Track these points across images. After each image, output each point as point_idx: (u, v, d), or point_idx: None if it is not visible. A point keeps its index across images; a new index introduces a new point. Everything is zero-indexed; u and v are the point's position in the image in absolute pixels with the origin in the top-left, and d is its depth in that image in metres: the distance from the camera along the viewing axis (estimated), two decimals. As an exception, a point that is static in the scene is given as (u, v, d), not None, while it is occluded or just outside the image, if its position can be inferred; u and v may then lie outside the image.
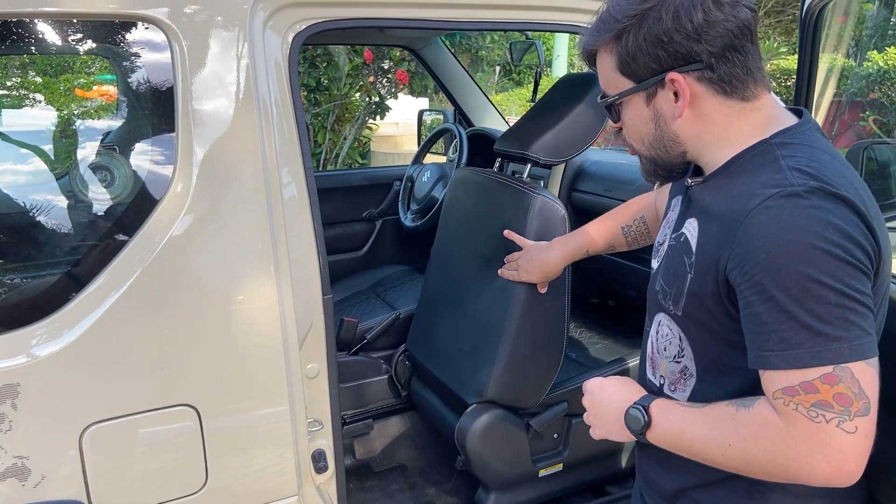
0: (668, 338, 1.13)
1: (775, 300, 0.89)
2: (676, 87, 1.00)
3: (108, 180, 1.41)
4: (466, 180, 2.29)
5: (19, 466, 1.25)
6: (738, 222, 0.93)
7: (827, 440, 0.87)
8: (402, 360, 2.46)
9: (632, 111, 1.07)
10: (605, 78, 1.08)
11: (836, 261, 0.87)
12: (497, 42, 7.97)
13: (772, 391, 0.91)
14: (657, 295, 1.15)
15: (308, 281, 1.46)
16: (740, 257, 0.92)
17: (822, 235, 0.87)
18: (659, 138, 1.06)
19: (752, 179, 0.97)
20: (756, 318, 0.91)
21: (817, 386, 0.87)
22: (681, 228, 1.10)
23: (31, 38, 1.34)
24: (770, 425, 0.91)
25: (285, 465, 1.47)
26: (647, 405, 1.07)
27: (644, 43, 0.99)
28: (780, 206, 0.90)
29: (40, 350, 1.25)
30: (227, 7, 1.36)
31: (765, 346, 0.91)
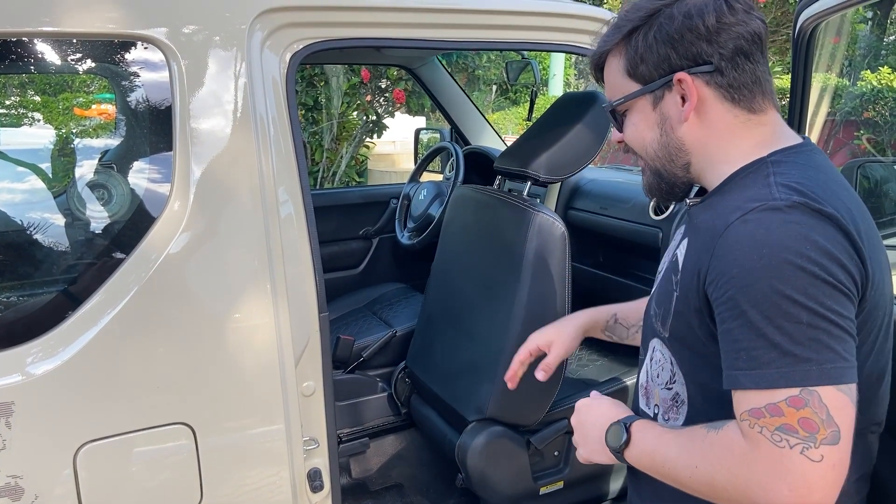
0: (660, 363, 1.10)
1: (746, 316, 0.86)
2: (684, 90, 0.99)
3: (106, 198, 1.41)
4: (466, 198, 2.30)
5: (13, 486, 1.24)
6: (717, 236, 0.91)
7: (790, 467, 0.82)
8: (401, 376, 2.45)
9: (638, 115, 1.06)
10: (612, 85, 1.07)
11: (812, 278, 0.83)
12: (493, 61, 8.03)
13: (739, 412, 0.88)
14: (651, 319, 1.12)
15: (304, 299, 1.46)
16: (717, 272, 0.90)
17: (798, 251, 0.84)
18: (664, 145, 1.04)
19: (740, 195, 0.95)
20: (728, 335, 0.89)
21: (783, 408, 0.83)
22: (675, 249, 1.08)
23: (32, 58, 1.35)
24: (735, 448, 0.87)
25: (281, 485, 1.46)
26: (629, 423, 1.03)
27: (654, 41, 0.99)
28: (758, 219, 0.88)
29: (35, 368, 1.25)
30: (225, 27, 1.37)
31: (735, 365, 0.88)
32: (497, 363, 1.95)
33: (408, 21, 1.59)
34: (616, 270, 2.59)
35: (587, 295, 2.70)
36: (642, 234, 2.32)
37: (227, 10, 1.38)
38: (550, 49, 1.83)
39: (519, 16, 1.71)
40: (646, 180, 1.12)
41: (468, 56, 7.76)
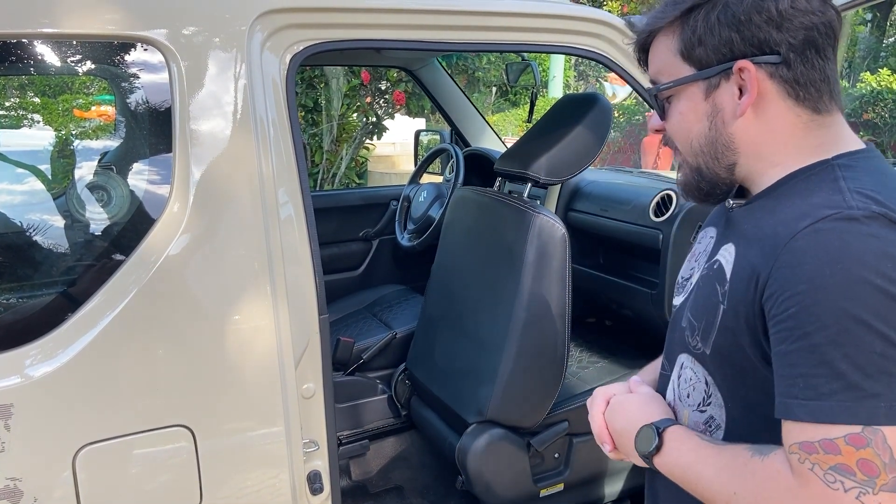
0: (691, 382, 1.00)
1: (809, 338, 0.76)
2: (744, 80, 0.88)
3: (105, 200, 1.41)
4: (467, 199, 2.30)
5: (12, 488, 1.23)
6: (781, 245, 0.81)
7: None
8: (402, 378, 2.45)
9: (686, 104, 0.94)
10: (660, 65, 0.96)
11: (891, 302, 0.74)
12: (493, 63, 8.03)
13: (788, 443, 0.79)
14: (683, 333, 1.01)
15: (304, 301, 1.46)
16: (778, 285, 0.80)
17: (878, 269, 0.74)
18: (711, 141, 0.93)
19: (805, 201, 0.84)
20: (785, 357, 0.79)
21: (840, 446, 0.74)
22: (715, 255, 0.98)
23: (32, 60, 1.34)
24: (781, 481, 0.79)
25: (280, 487, 1.46)
26: (662, 428, 0.95)
27: (717, 23, 0.88)
28: (832, 229, 0.78)
29: (34, 370, 1.24)
30: (225, 28, 1.37)
31: (789, 392, 0.79)
32: (497, 365, 1.95)
33: (408, 23, 1.59)
34: (616, 272, 2.58)
35: (587, 297, 2.70)
36: (642, 235, 2.32)
37: (226, 12, 1.38)
38: (550, 51, 1.83)
39: (519, 17, 1.71)
40: (683, 177, 1.01)
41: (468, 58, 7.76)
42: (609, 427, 1.07)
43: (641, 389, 1.09)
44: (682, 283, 1.10)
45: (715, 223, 1.07)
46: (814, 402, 0.76)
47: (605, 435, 1.07)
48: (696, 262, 1.07)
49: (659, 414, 1.01)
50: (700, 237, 1.11)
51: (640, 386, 1.11)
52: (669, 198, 2.26)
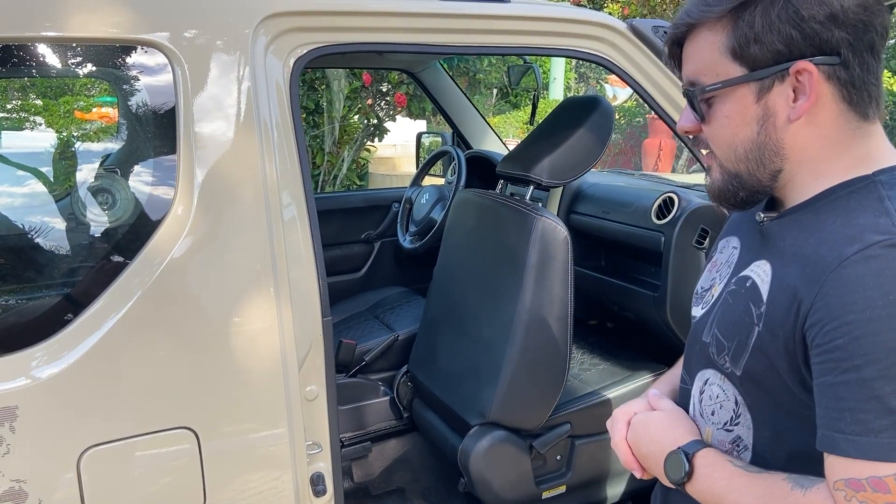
0: (718, 400, 0.96)
1: (859, 372, 0.73)
2: (801, 83, 0.82)
3: (110, 202, 1.41)
4: (469, 202, 2.31)
5: (16, 490, 1.24)
6: (828, 270, 0.77)
7: None
8: (404, 381, 2.45)
9: (733, 107, 0.87)
10: (702, 63, 0.88)
11: None
12: (494, 65, 8.04)
13: (833, 480, 0.76)
14: (707, 348, 0.97)
15: (308, 303, 1.46)
16: (823, 312, 0.77)
17: None
18: (759, 146, 0.87)
19: (849, 221, 0.80)
20: (831, 389, 0.76)
21: (889, 485, 0.72)
22: (743, 270, 0.93)
23: (37, 63, 1.35)
24: None
25: (284, 489, 1.46)
26: (692, 453, 0.92)
27: (777, 20, 0.81)
28: (884, 256, 0.74)
29: (39, 372, 1.25)
30: (228, 32, 1.38)
31: (835, 426, 0.76)
32: (499, 367, 1.95)
33: (411, 26, 1.60)
34: (618, 274, 2.58)
35: (589, 299, 2.71)
36: (645, 238, 2.32)
37: (230, 15, 1.39)
38: (553, 54, 1.84)
39: (521, 21, 1.72)
40: (717, 184, 0.93)
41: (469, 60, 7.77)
42: (634, 451, 1.03)
43: (663, 405, 1.05)
44: (701, 293, 1.06)
45: (738, 233, 1.02)
46: (862, 438, 0.73)
47: (632, 462, 1.03)
48: (717, 273, 1.03)
49: (685, 434, 0.97)
50: (721, 246, 1.06)
51: (661, 400, 1.06)
52: (671, 200, 2.26)
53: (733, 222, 1.07)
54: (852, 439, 0.74)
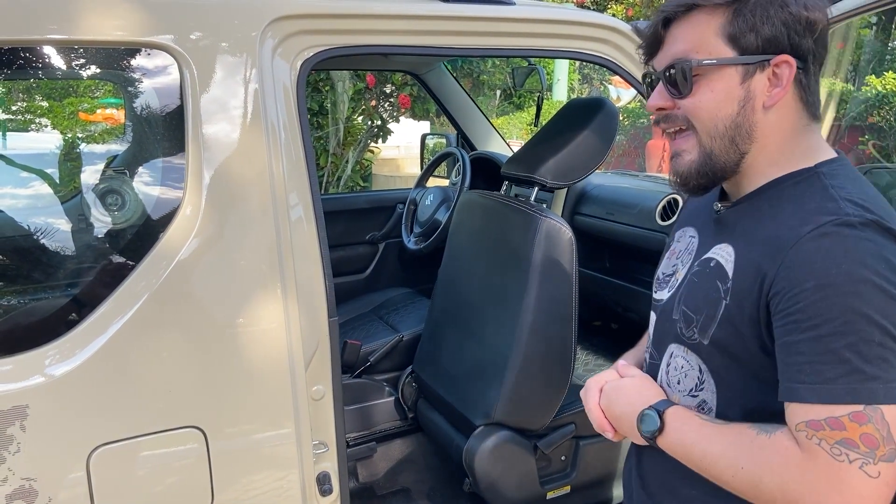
0: (683, 370, 1.06)
1: (816, 330, 0.85)
2: (778, 75, 0.95)
3: (120, 203, 1.42)
4: (473, 203, 2.32)
5: (27, 488, 1.25)
6: (787, 247, 0.89)
7: (847, 480, 0.83)
8: (408, 381, 2.46)
9: (721, 84, 0.96)
10: (696, 41, 0.97)
11: (887, 298, 0.83)
12: (498, 66, 8.05)
13: (795, 423, 0.87)
14: (675, 325, 1.07)
15: (314, 303, 1.47)
16: (785, 282, 0.88)
17: (876, 270, 0.84)
18: (737, 126, 0.97)
19: (802, 206, 0.93)
20: (792, 347, 0.87)
21: (845, 423, 0.83)
22: (706, 254, 1.04)
23: (46, 65, 1.36)
24: (789, 456, 0.87)
25: (290, 488, 1.47)
26: (662, 410, 1.02)
27: (775, 17, 0.93)
28: (835, 233, 0.87)
29: (49, 372, 1.26)
30: (236, 34, 1.39)
31: (796, 378, 0.87)
32: (504, 367, 1.96)
33: (416, 28, 1.61)
34: (623, 275, 2.59)
35: (594, 300, 2.71)
36: (649, 239, 2.33)
37: (238, 18, 1.40)
38: (557, 56, 1.84)
39: (526, 23, 1.73)
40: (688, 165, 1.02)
41: (473, 62, 7.78)
42: (607, 414, 1.12)
43: (631, 372, 1.14)
44: (664, 278, 1.17)
45: (694, 224, 1.15)
46: (820, 386, 0.84)
47: (605, 423, 1.13)
48: (678, 260, 1.14)
49: (654, 396, 1.06)
50: (678, 237, 1.18)
51: (629, 369, 1.16)
52: (676, 202, 2.27)
53: (688, 215, 1.19)
54: (812, 387, 0.85)
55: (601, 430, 1.14)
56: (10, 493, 1.24)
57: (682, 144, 1.02)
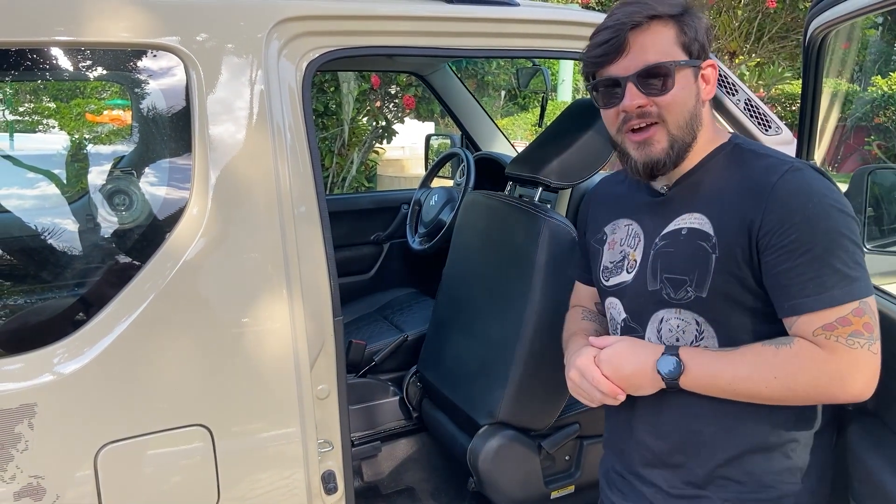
0: (679, 329, 1.20)
1: (811, 252, 1.05)
2: (707, 75, 1.19)
3: (128, 204, 1.43)
4: (478, 203, 2.32)
5: (35, 486, 1.26)
6: (765, 195, 1.09)
7: (864, 362, 1.05)
8: (413, 381, 2.47)
9: (685, 82, 1.16)
10: (662, 46, 1.15)
11: (847, 217, 1.07)
12: (503, 67, 8.04)
13: (811, 330, 1.06)
14: (656, 295, 1.22)
15: (319, 303, 1.48)
16: (774, 223, 1.08)
17: (834, 198, 1.08)
18: (694, 116, 1.18)
19: (750, 166, 1.15)
20: (792, 270, 1.07)
21: (851, 319, 1.04)
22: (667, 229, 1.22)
23: (53, 66, 1.37)
24: (816, 357, 1.06)
25: (296, 486, 1.48)
26: (676, 353, 1.16)
27: (703, 29, 1.17)
28: (796, 178, 1.09)
29: (58, 371, 1.27)
30: (242, 36, 1.40)
31: (802, 294, 1.06)
32: (508, 367, 1.96)
33: (421, 30, 1.61)
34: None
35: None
36: (653, 239, 2.32)
37: (244, 20, 1.41)
38: (562, 57, 1.85)
39: (530, 24, 1.73)
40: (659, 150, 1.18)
41: (477, 63, 7.80)
42: (615, 378, 1.21)
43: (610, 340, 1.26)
44: (614, 266, 1.32)
45: (622, 216, 1.33)
46: (825, 294, 1.05)
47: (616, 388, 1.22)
48: (624, 247, 1.30)
49: (654, 348, 1.20)
50: (609, 230, 1.35)
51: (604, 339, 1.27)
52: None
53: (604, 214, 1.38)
54: (818, 297, 1.06)
55: (614, 394, 1.21)
56: (18, 491, 1.25)
57: (654, 134, 1.18)
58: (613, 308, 1.33)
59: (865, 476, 1.27)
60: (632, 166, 1.21)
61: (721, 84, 1.90)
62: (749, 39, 8.44)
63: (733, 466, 1.20)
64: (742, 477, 1.20)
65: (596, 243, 1.39)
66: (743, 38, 8.44)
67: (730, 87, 1.90)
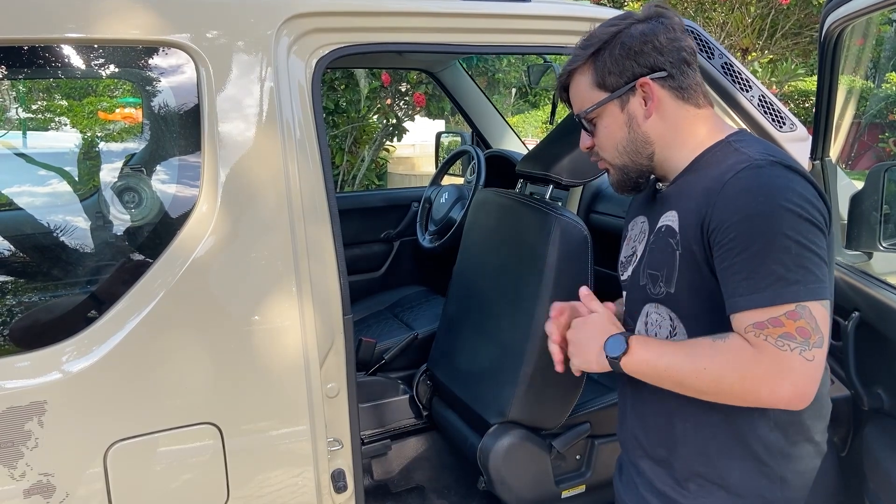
0: (657, 323, 1.24)
1: (748, 251, 1.04)
2: (646, 92, 1.19)
3: (137, 201, 1.43)
4: (489, 201, 2.31)
5: (44, 484, 1.26)
6: (716, 192, 1.09)
7: (791, 365, 1.02)
8: (423, 379, 2.46)
9: (608, 119, 1.23)
10: (582, 96, 1.25)
11: (797, 218, 1.04)
12: (513, 65, 8.03)
13: (743, 327, 1.06)
14: (643, 290, 1.26)
15: (329, 301, 1.47)
16: (718, 221, 1.08)
17: (786, 197, 1.05)
18: (632, 141, 1.22)
19: (721, 165, 1.14)
20: (729, 269, 1.07)
21: (783, 321, 1.03)
22: (656, 225, 1.24)
23: (64, 63, 1.37)
24: (744, 352, 1.05)
25: (305, 484, 1.48)
26: (626, 336, 1.18)
27: (620, 56, 1.19)
28: (749, 175, 1.08)
29: (67, 368, 1.27)
30: (252, 33, 1.39)
31: (737, 293, 1.06)
32: (519, 366, 1.95)
33: (431, 26, 1.61)
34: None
35: (609, 299, 2.70)
36: (665, 237, 2.31)
37: (254, 17, 1.41)
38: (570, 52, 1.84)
39: (541, 20, 1.72)
40: (613, 178, 1.28)
41: (488, 60, 7.78)
42: (572, 340, 1.29)
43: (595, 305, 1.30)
44: (625, 261, 1.36)
45: (640, 213, 1.35)
46: (757, 294, 1.04)
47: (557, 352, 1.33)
48: (634, 243, 1.34)
49: (617, 328, 1.24)
50: (630, 227, 1.38)
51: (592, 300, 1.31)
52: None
53: (635, 208, 1.40)
54: (749, 297, 1.05)
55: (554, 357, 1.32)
56: (27, 489, 1.25)
57: (604, 165, 1.29)
58: (625, 301, 1.39)
59: (882, 477, 1.25)
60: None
61: (735, 80, 1.88)
62: (762, 36, 8.38)
63: (711, 466, 1.20)
64: (718, 479, 1.20)
65: (622, 239, 1.43)
66: (756, 34, 8.38)
67: (743, 84, 1.88)
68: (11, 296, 1.43)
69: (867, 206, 1.62)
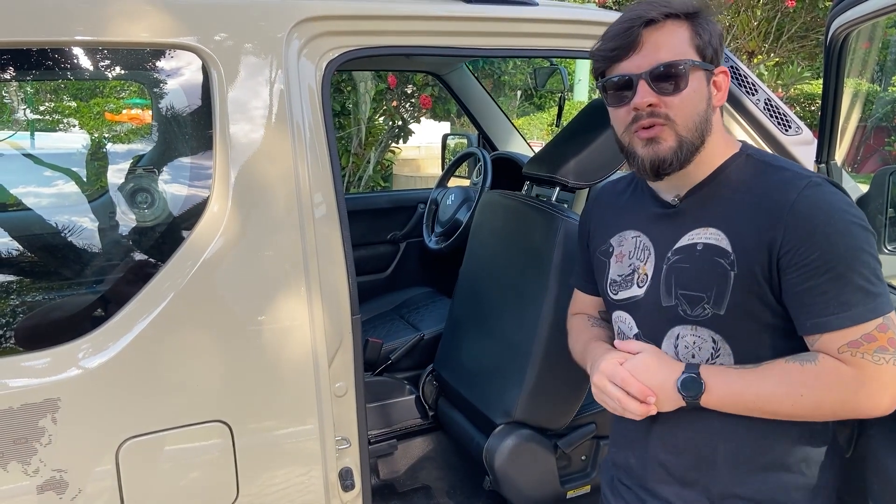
0: (694, 345, 1.18)
1: (834, 270, 1.04)
2: (719, 81, 1.16)
3: (150, 202, 1.45)
4: (495, 203, 2.32)
5: (57, 480, 1.28)
6: (783, 214, 1.07)
7: (890, 377, 1.04)
8: (429, 379, 2.47)
9: (697, 84, 1.13)
10: (677, 46, 1.12)
11: (867, 232, 1.06)
12: (519, 67, 8.04)
13: (836, 347, 1.06)
14: (672, 311, 1.19)
15: (337, 301, 1.49)
16: (795, 241, 1.06)
17: (853, 213, 1.07)
18: (704, 120, 1.15)
19: (765, 181, 1.13)
20: (815, 288, 1.06)
21: (875, 335, 1.04)
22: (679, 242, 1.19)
23: (74, 66, 1.39)
24: (842, 374, 1.05)
25: (314, 483, 1.49)
26: (696, 372, 1.14)
27: (715, 33, 1.15)
28: (815, 194, 1.07)
29: (81, 366, 1.29)
30: (262, 35, 1.41)
31: (825, 312, 1.05)
32: (525, 367, 1.96)
33: (439, 29, 1.62)
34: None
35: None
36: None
37: (264, 20, 1.42)
38: (579, 56, 1.85)
39: (547, 24, 1.73)
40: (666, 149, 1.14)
41: (494, 62, 7.79)
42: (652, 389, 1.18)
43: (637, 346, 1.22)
44: (623, 279, 1.29)
45: (629, 227, 1.30)
46: (848, 312, 1.04)
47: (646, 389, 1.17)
48: (633, 260, 1.27)
49: (676, 365, 1.17)
50: (616, 243, 1.32)
51: (630, 343, 1.24)
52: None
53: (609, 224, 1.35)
54: (842, 315, 1.05)
55: (644, 396, 1.17)
56: (41, 485, 1.27)
57: (661, 133, 1.14)
58: (622, 322, 1.31)
59: (887, 480, 1.26)
60: (639, 165, 1.17)
61: (740, 84, 1.89)
62: (768, 39, 8.37)
63: (748, 484, 1.18)
64: (755, 495, 1.18)
65: (602, 255, 1.36)
66: (762, 37, 8.38)
67: (749, 87, 1.89)
68: (26, 294, 1.45)
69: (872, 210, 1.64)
